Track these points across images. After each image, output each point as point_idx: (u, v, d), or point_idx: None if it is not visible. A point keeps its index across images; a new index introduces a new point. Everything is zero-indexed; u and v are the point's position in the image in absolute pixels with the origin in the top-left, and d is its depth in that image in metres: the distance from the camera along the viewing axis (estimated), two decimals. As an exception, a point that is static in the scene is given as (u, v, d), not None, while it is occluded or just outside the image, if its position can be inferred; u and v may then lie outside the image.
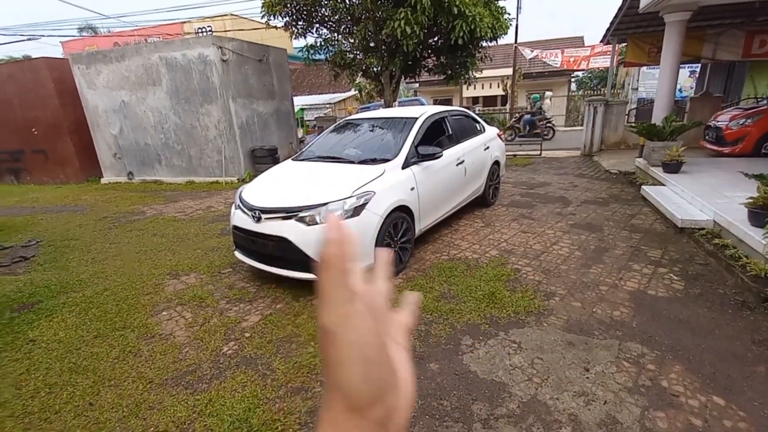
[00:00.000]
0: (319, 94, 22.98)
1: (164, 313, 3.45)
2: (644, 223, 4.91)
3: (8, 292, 3.96)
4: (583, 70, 16.54)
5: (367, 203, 3.45)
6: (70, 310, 3.55)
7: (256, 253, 3.72)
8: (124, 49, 9.38)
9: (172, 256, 4.75)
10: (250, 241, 3.66)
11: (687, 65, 12.89)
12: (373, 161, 4.00)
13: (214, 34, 21.39)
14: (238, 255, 3.94)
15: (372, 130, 4.77)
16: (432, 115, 4.73)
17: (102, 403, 2.38)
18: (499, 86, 19.56)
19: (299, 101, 21.10)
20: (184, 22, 24.87)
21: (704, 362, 2.43)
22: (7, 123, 10.76)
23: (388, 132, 4.54)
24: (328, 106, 20.77)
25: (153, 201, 7.92)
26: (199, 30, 23.57)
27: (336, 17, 9.06)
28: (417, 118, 4.47)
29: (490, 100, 22.70)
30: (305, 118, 20.20)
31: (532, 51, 14.59)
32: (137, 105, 9.61)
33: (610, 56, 10.74)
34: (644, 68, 13.73)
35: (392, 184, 3.74)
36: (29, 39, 25.37)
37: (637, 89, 10.96)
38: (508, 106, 18.78)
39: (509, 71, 18.00)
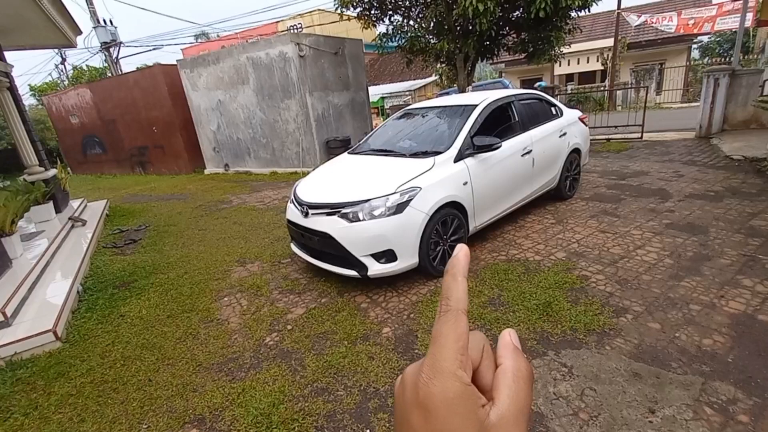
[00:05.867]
0: (400, 81, 22.91)
1: (225, 299, 3.76)
2: (770, 226, 3.90)
3: (115, 271, 4.69)
4: (707, 33, 13.66)
5: (411, 200, 3.29)
6: (155, 290, 4.07)
7: (306, 247, 3.82)
8: (219, 53, 10.36)
9: (244, 244, 5.16)
10: (300, 235, 3.77)
11: None
12: (424, 154, 3.80)
13: (303, 30, 22.57)
14: (293, 247, 4.11)
15: (429, 121, 4.54)
16: (495, 101, 4.32)
17: (158, 380, 2.68)
18: (597, 60, 17.28)
19: (380, 90, 21.32)
20: (278, 21, 26.61)
21: (830, 422, 1.83)
22: (136, 123, 12.80)
23: (444, 122, 4.26)
24: (407, 93, 20.60)
25: (240, 191, 8.70)
26: (291, 27, 25.01)
27: (407, 2, 8.79)
28: (476, 106, 4.11)
29: (587, 77, 20.23)
30: (385, 107, 20.32)
31: (640, 16, 12.47)
32: (230, 103, 10.61)
33: (740, 15, 8.65)
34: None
35: (441, 178, 3.51)
36: (153, 49, 29.64)
37: (781, 53, 8.67)
38: (607, 83, 16.52)
39: (611, 42, 15.77)
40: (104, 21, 16.92)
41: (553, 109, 5.09)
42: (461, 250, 0.34)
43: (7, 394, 2.67)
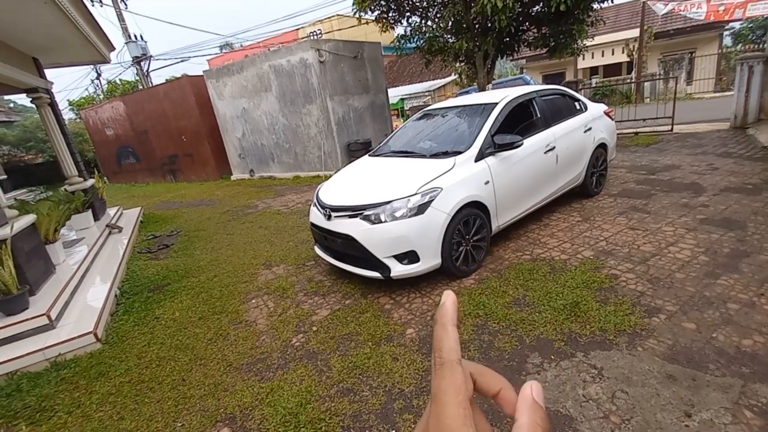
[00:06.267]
0: (419, 82, 22.88)
1: (253, 301, 3.87)
2: (816, 219, 3.67)
3: (150, 275, 4.91)
4: (738, 20, 12.95)
5: (432, 200, 3.30)
6: (187, 293, 4.23)
7: (330, 250, 3.88)
8: (242, 62, 10.66)
9: (269, 247, 5.29)
10: (323, 238, 3.84)
11: None
12: (445, 154, 3.79)
13: (323, 35, 22.91)
14: (317, 250, 4.18)
15: (449, 121, 4.52)
16: (515, 98, 4.26)
17: (191, 380, 2.79)
18: (623, 51, 16.69)
19: (399, 91, 21.36)
20: (298, 29, 27.09)
21: None
22: (167, 132, 13.34)
23: (464, 121, 4.24)
24: (427, 93, 20.55)
25: (265, 195, 8.92)
26: (311, 34, 25.41)
27: (424, 3, 8.78)
28: (496, 104, 4.07)
29: (612, 69, 19.58)
30: (405, 108, 20.34)
31: (666, 5, 11.97)
32: (254, 110, 10.90)
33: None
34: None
35: (462, 178, 3.50)
36: (181, 61, 30.75)
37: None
38: (634, 75, 15.94)
39: (637, 32, 15.21)
40: (135, 36, 17.72)
41: (576, 104, 4.98)
42: (448, 298, 0.34)
43: (52, 393, 2.84)
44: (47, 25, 5.02)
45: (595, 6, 7.92)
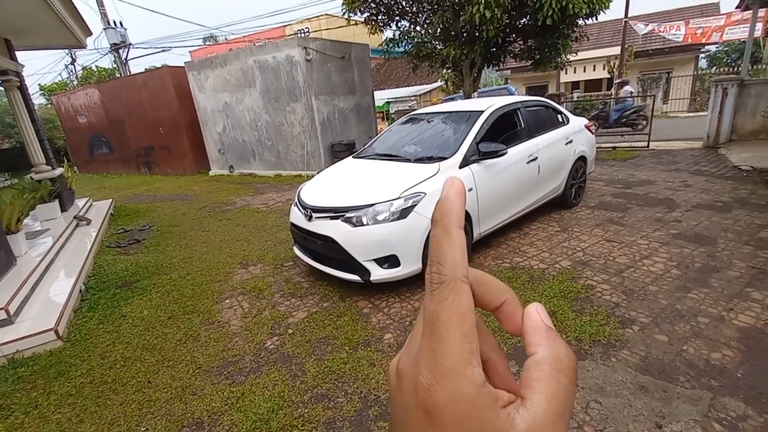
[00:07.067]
0: (405, 86, 22.99)
1: (227, 301, 3.74)
2: (780, 238, 3.85)
3: (118, 270, 4.69)
4: (715, 43, 13.63)
5: (415, 205, 3.27)
6: (157, 291, 4.06)
7: (309, 251, 3.81)
8: (226, 55, 10.43)
9: (247, 246, 5.15)
10: (303, 239, 3.76)
11: None
12: (429, 159, 3.79)
13: (311, 34, 22.73)
14: (296, 251, 4.09)
15: (435, 126, 4.53)
16: (501, 107, 4.30)
17: (158, 382, 2.66)
18: (604, 68, 17.24)
19: (386, 94, 21.39)
20: (286, 26, 26.81)
21: (844, 442, 1.78)
22: (143, 123, 12.89)
23: (450, 128, 4.25)
24: (413, 98, 20.65)
25: (245, 192, 8.72)
26: (299, 31, 25.18)
27: (414, 8, 8.82)
28: (482, 112, 4.10)
29: (593, 85, 20.19)
30: (391, 112, 20.37)
31: (647, 25, 12.46)
32: (236, 105, 10.66)
33: (749, 25, 8.61)
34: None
35: (446, 184, 3.48)
36: (162, 51, 29.92)
37: (791, 63, 8.58)
38: (613, 91, 16.48)
39: (618, 50, 15.74)
40: (114, 23, 17.13)
41: (559, 116, 5.07)
42: (452, 189, 0.25)
43: (9, 392, 2.67)
44: (21, 5, 4.76)
45: (580, 22, 8.14)
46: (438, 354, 0.22)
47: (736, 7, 9.13)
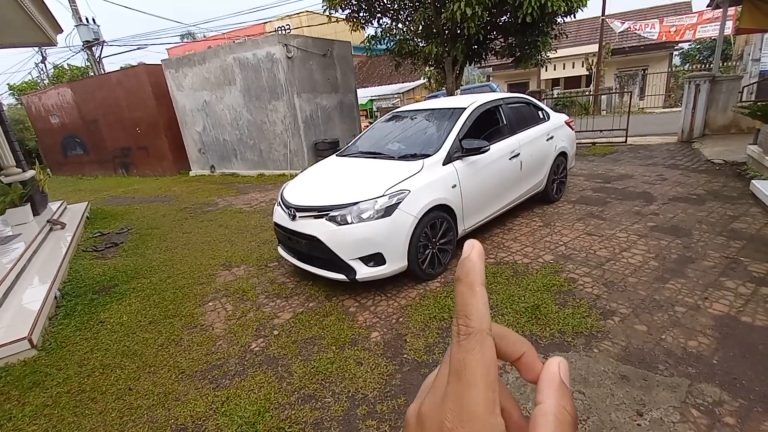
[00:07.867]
0: (388, 84, 22.96)
1: (210, 303, 3.67)
2: (750, 228, 3.99)
3: (95, 275, 4.55)
4: (688, 41, 14.06)
5: (400, 203, 3.27)
6: (137, 295, 3.95)
7: (294, 251, 3.76)
8: (205, 53, 10.21)
9: (230, 247, 5.06)
10: (287, 239, 3.71)
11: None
12: (413, 157, 3.78)
13: (292, 31, 22.44)
14: (280, 251, 4.04)
15: (418, 123, 4.53)
16: (483, 104, 4.33)
17: (139, 389, 2.59)
18: (582, 65, 17.60)
19: (369, 92, 21.33)
20: (265, 23, 26.40)
21: (812, 422, 1.86)
22: (119, 123, 12.50)
23: (433, 125, 4.26)
24: (396, 96, 20.66)
25: (227, 193, 8.57)
26: (279, 29, 24.81)
27: (395, 5, 8.81)
28: (464, 109, 4.12)
29: (572, 81, 20.59)
30: (374, 109, 20.34)
31: (623, 23, 12.76)
32: (216, 104, 10.45)
33: (720, 23, 8.90)
34: (771, 34, 11.12)
35: (430, 181, 3.50)
36: (138, 48, 29.11)
37: (759, 60, 8.90)
38: (592, 87, 16.86)
39: (596, 47, 16.08)
40: (86, 19, 16.54)
41: (540, 113, 5.14)
42: (473, 249, 0.27)
43: (-22, 405, 2.55)
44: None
45: (559, 20, 8.27)
46: (465, 399, 0.24)
47: (707, 6, 9.42)
